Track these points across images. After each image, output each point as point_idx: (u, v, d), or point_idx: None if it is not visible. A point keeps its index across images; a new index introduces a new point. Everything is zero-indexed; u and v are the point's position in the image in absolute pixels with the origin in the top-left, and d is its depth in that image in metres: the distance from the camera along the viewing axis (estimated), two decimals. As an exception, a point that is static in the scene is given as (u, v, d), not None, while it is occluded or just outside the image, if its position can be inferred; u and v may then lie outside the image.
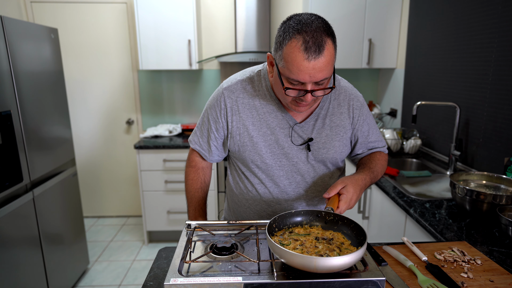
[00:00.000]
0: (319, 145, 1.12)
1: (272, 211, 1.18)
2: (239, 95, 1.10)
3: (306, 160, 1.12)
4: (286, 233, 0.92)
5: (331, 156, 1.13)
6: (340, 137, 1.13)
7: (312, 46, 0.87)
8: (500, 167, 1.73)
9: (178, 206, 3.00)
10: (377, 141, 1.22)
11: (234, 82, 1.12)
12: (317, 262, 0.73)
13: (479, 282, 0.90)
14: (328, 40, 0.89)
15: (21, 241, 1.91)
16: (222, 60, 2.94)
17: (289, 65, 0.90)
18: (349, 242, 0.88)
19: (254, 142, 1.10)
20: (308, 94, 0.93)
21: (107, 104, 3.38)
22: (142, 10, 2.81)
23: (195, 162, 1.24)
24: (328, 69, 0.91)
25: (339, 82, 1.16)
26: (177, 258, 0.85)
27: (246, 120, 1.09)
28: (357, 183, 1.02)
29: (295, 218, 0.96)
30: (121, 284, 2.58)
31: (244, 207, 1.23)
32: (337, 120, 1.13)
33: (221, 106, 1.11)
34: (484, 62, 1.85)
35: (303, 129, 1.11)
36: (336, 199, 0.98)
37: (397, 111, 2.95)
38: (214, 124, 1.13)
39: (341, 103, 1.14)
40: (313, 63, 0.88)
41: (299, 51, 0.87)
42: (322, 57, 0.88)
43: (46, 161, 2.16)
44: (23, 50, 1.95)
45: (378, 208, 1.97)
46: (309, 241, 0.88)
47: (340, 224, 0.93)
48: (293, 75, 0.91)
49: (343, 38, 2.79)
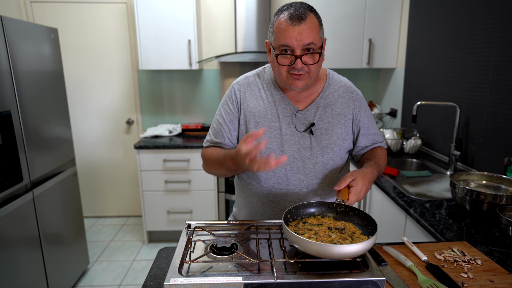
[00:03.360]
0: (321, 131, 1.17)
1: (274, 197, 1.19)
2: (247, 88, 1.20)
3: (309, 147, 1.16)
4: (300, 223, 0.98)
5: (334, 142, 1.17)
6: (341, 124, 1.19)
7: (295, 15, 1.01)
8: (500, 167, 1.73)
9: (178, 206, 3.00)
10: (376, 134, 1.27)
11: (243, 78, 1.24)
12: (333, 249, 0.78)
13: (479, 282, 0.90)
14: (310, 13, 1.03)
15: (21, 241, 1.91)
16: (222, 60, 2.94)
17: (278, 34, 1.04)
18: (360, 232, 0.93)
19: (259, 128, 1.15)
20: (298, 60, 1.03)
21: (107, 104, 3.38)
22: (142, 10, 2.81)
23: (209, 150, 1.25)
24: (313, 35, 1.02)
25: (339, 77, 1.25)
26: (177, 258, 0.85)
27: (253, 108, 1.18)
28: (365, 176, 1.06)
29: (308, 209, 1.02)
30: (121, 284, 2.58)
31: (248, 197, 1.25)
32: (338, 109, 1.19)
33: (233, 98, 1.20)
34: (484, 62, 1.85)
35: (305, 116, 1.17)
36: (346, 191, 1.02)
37: (397, 111, 2.95)
38: (227, 116, 1.21)
39: (342, 95, 1.21)
40: (298, 28, 1.01)
41: (285, 21, 1.02)
42: (305, 23, 1.01)
43: (46, 161, 2.16)
44: (23, 50, 1.95)
45: (378, 208, 1.98)
46: (322, 231, 0.93)
47: (351, 214, 0.98)
48: (281, 41, 1.03)
49: (343, 38, 2.79)
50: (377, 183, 1.91)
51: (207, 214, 3.02)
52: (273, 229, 1.03)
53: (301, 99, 1.18)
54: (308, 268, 0.83)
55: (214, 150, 1.20)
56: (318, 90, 1.19)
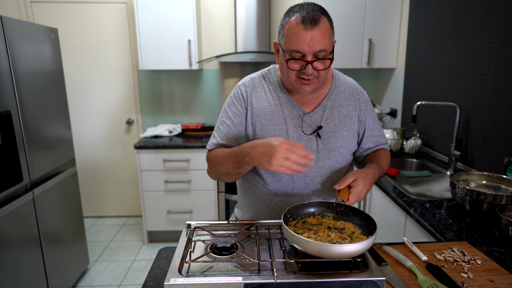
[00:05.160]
0: (328, 134, 1.15)
1: (279, 200, 1.18)
2: (253, 89, 1.17)
3: (316, 150, 1.15)
4: (299, 222, 0.98)
5: (340, 145, 1.16)
6: (348, 127, 1.18)
7: (308, 19, 0.97)
8: (500, 167, 1.73)
9: (178, 206, 3.00)
10: (380, 136, 1.26)
11: (248, 79, 1.20)
12: (332, 249, 0.77)
13: (479, 282, 0.90)
14: (323, 16, 1.00)
15: (21, 241, 1.91)
16: (222, 60, 2.94)
17: (289, 38, 1.00)
18: (359, 232, 0.92)
19: (265, 131, 1.14)
20: (309, 66, 1.00)
21: (107, 104, 3.38)
22: (142, 10, 2.81)
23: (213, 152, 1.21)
24: (325, 41, 0.99)
25: (345, 78, 1.24)
26: (177, 258, 0.85)
27: (259, 110, 1.15)
28: (367, 177, 1.06)
29: (308, 209, 1.01)
30: (121, 284, 2.58)
31: (252, 199, 1.24)
32: (345, 111, 1.18)
33: (240, 98, 1.17)
34: (484, 62, 1.85)
35: (312, 118, 1.15)
36: (346, 191, 1.02)
37: (397, 111, 2.95)
38: (235, 118, 1.16)
39: (348, 96, 1.20)
40: (310, 33, 0.97)
41: (297, 24, 0.98)
42: (317, 28, 0.97)
43: (46, 161, 2.16)
44: (23, 50, 1.95)
45: (378, 208, 1.98)
46: (321, 230, 0.93)
47: (351, 214, 0.98)
48: (293, 46, 0.99)
49: (343, 38, 2.79)
50: (377, 183, 1.91)
51: (207, 214, 3.02)
52: (273, 229, 1.03)
53: (307, 101, 1.17)
54: (308, 268, 0.83)
55: (221, 149, 1.15)
56: (324, 92, 1.18)
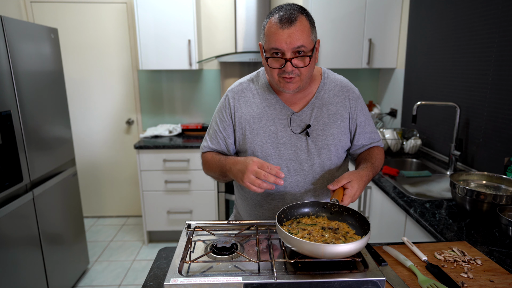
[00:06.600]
0: (317, 132, 1.16)
1: (272, 200, 1.20)
2: (241, 94, 1.20)
3: (306, 149, 1.16)
4: (294, 223, 0.98)
5: (330, 142, 1.17)
6: (338, 124, 1.18)
7: (285, 18, 1.00)
8: (500, 167, 1.73)
9: (178, 206, 3.00)
10: (373, 133, 1.27)
11: (236, 85, 1.23)
12: (325, 249, 0.77)
13: (479, 282, 0.90)
14: (300, 15, 1.02)
15: (21, 241, 1.91)
16: (222, 60, 2.94)
17: (268, 37, 1.04)
18: (353, 232, 0.92)
19: (255, 133, 1.16)
20: (288, 63, 1.03)
21: (107, 104, 3.38)
22: (142, 10, 2.81)
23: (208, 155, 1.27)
24: (303, 38, 1.01)
25: (335, 76, 1.24)
26: (177, 258, 0.85)
27: (247, 114, 1.18)
28: (361, 179, 1.06)
29: (303, 209, 1.01)
30: (121, 284, 2.58)
31: (246, 199, 1.26)
32: (334, 109, 1.18)
33: (226, 107, 1.21)
34: (484, 62, 1.85)
35: (300, 118, 1.17)
36: (341, 191, 1.02)
37: (397, 111, 2.95)
38: (221, 124, 1.22)
39: (337, 94, 1.20)
40: (287, 31, 1.00)
41: (275, 23, 1.02)
42: (294, 26, 1.00)
43: (46, 161, 2.16)
44: (23, 50, 1.95)
45: (378, 208, 1.98)
46: (316, 231, 0.93)
47: (345, 215, 0.98)
48: (272, 44, 1.03)
49: (343, 38, 2.79)
50: (377, 183, 1.91)
51: (207, 214, 3.02)
52: (273, 229, 1.03)
53: (296, 101, 1.18)
54: (308, 268, 0.83)
55: (213, 155, 1.22)
56: (313, 91, 1.19)
